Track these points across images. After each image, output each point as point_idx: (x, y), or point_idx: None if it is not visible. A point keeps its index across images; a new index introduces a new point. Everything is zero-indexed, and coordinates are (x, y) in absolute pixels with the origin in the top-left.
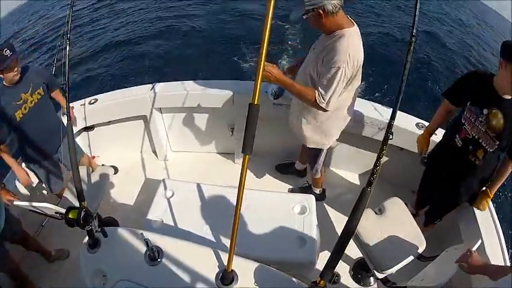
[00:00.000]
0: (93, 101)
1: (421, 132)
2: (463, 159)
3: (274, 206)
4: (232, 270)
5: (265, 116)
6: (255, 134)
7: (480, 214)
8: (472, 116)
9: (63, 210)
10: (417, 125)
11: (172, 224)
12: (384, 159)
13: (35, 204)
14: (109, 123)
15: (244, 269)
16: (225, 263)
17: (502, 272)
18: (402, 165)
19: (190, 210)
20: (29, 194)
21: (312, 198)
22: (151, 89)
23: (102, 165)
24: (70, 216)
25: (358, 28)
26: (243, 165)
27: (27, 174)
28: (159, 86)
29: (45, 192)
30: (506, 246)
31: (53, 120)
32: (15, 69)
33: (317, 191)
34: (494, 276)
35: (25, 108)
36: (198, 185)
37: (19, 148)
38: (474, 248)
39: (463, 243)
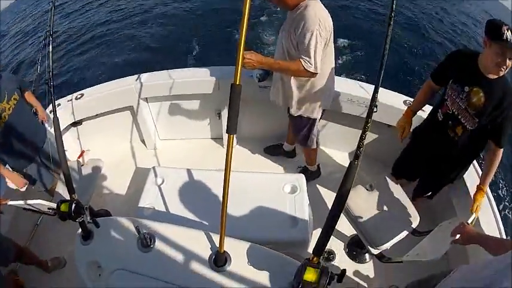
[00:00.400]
0: (79, 96)
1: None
2: (443, 134)
3: (265, 187)
4: (224, 251)
5: (252, 100)
6: (241, 116)
7: (473, 189)
8: (453, 93)
9: (55, 206)
10: (405, 102)
11: (164, 210)
12: (373, 136)
13: (29, 201)
14: (96, 116)
15: (237, 250)
16: (218, 245)
17: (503, 246)
18: (390, 143)
19: (181, 196)
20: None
21: (302, 177)
22: (137, 79)
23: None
24: (62, 209)
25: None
26: (228, 146)
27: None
28: (145, 76)
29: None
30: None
31: (32, 121)
32: None
33: (313, 168)
34: (494, 251)
35: (4, 117)
36: (188, 171)
37: (5, 155)
38: (469, 221)
39: (457, 217)
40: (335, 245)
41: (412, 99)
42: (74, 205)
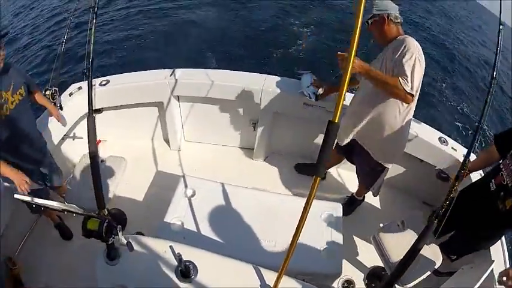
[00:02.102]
0: (104, 83)
1: (443, 147)
2: (491, 204)
3: (299, 212)
4: None
5: (291, 114)
6: (276, 129)
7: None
8: (511, 163)
9: (77, 210)
10: (439, 139)
11: (193, 228)
12: (401, 169)
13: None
14: (120, 107)
15: None
16: (267, 282)
17: None
18: (418, 177)
19: (213, 214)
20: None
21: (339, 206)
22: (171, 74)
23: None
24: (89, 226)
25: None
26: (312, 189)
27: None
28: (179, 72)
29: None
30: None
31: (35, 126)
32: None
33: (360, 198)
34: None
35: (6, 109)
36: (222, 185)
37: (5, 152)
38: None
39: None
40: (355, 275)
41: (446, 137)
42: (105, 224)
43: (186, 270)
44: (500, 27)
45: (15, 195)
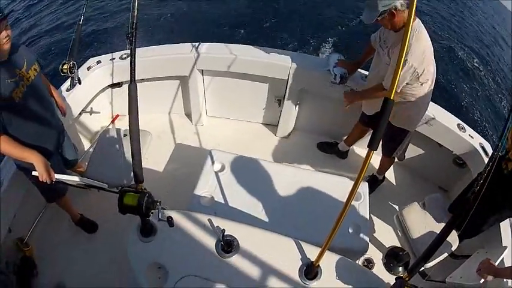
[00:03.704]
0: (125, 56)
1: (461, 133)
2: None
3: (330, 189)
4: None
5: (317, 93)
6: (301, 107)
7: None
8: None
9: (102, 185)
10: (458, 125)
11: (223, 201)
12: (420, 151)
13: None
14: (142, 81)
15: (327, 262)
16: (308, 256)
17: None
18: (435, 161)
19: (242, 188)
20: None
21: (366, 184)
22: (196, 48)
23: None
24: (127, 201)
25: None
26: (365, 162)
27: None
28: (205, 47)
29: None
30: None
31: (52, 103)
32: (4, 35)
33: (381, 177)
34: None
35: (23, 86)
36: (251, 160)
37: (20, 132)
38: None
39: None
40: (374, 254)
41: (464, 123)
42: (146, 198)
43: (228, 245)
44: None
45: (33, 172)
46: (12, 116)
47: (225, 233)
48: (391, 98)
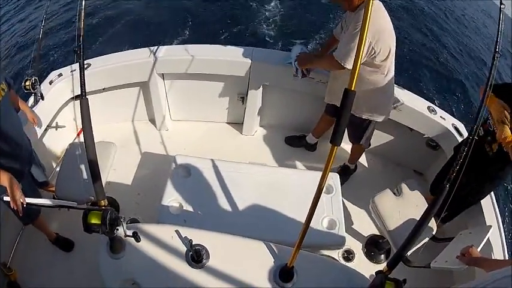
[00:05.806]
0: (85, 66)
1: (431, 115)
2: (479, 148)
3: (299, 185)
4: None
5: (281, 86)
6: (266, 102)
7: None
8: None
9: (71, 204)
10: (428, 108)
11: (192, 208)
12: (390, 137)
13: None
14: (103, 90)
15: (302, 262)
16: (282, 257)
17: (495, 265)
18: (408, 145)
19: (211, 192)
20: None
21: (336, 176)
22: (154, 52)
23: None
24: (92, 221)
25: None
26: (329, 157)
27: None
28: (163, 50)
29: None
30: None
31: (20, 123)
32: None
33: (353, 166)
34: (488, 269)
35: None
36: (217, 162)
37: None
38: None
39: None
40: (354, 245)
41: (434, 106)
42: (108, 215)
43: (197, 255)
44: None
45: (4, 198)
46: None
47: (194, 243)
48: (352, 89)
